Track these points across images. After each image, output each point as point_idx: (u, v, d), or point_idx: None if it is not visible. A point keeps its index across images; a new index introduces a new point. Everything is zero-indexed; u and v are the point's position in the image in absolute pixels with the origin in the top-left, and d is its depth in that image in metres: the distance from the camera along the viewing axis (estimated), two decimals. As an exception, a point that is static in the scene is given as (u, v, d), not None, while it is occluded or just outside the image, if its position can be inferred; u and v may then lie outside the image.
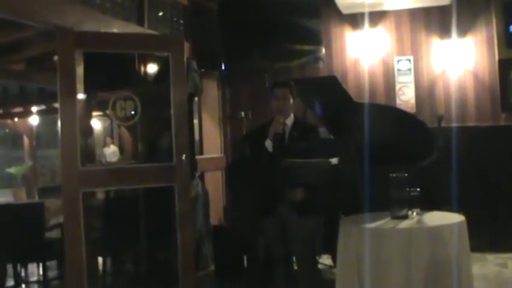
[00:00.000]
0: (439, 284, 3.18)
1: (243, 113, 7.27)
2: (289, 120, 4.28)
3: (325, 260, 5.93)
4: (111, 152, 12.92)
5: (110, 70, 5.34)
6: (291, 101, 4.29)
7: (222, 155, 7.25)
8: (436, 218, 3.53)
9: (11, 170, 10.49)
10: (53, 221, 6.16)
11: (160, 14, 6.09)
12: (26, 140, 14.14)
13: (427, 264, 3.15)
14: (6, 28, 5.87)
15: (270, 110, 4.36)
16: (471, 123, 6.79)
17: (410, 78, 7.01)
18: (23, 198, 8.21)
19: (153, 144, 5.74)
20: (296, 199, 4.05)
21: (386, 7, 6.94)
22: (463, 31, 6.83)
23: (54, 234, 5.96)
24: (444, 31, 6.89)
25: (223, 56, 6.68)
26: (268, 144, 4.16)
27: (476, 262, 5.49)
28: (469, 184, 5.98)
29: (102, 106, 6.69)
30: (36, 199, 8.89)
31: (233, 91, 7.51)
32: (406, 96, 7.00)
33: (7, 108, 13.12)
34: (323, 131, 4.74)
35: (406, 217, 3.48)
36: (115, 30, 5.09)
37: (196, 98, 6.41)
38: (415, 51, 7.03)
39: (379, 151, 3.74)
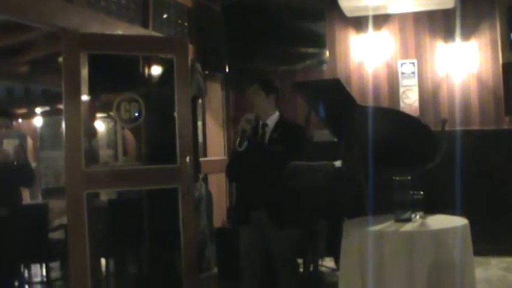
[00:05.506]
0: (442, 288, 3.19)
1: (246, 116, 7.27)
2: (272, 120, 4.05)
3: (328, 262, 5.93)
4: None
5: (115, 72, 5.36)
6: (264, 96, 4.03)
7: (226, 157, 7.25)
8: (439, 222, 3.53)
9: (15, 171, 10.52)
10: (56, 222, 6.18)
11: (165, 16, 6.11)
12: (29, 141, 14.15)
13: (430, 268, 3.14)
14: (11, 30, 5.89)
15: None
16: (475, 127, 6.79)
17: (414, 82, 7.01)
18: (27, 199, 8.23)
19: (156, 146, 5.75)
20: None
21: (390, 10, 6.94)
22: (467, 35, 6.84)
23: (57, 235, 5.97)
24: (448, 35, 6.90)
25: (227, 58, 6.69)
26: (237, 141, 3.96)
27: (479, 266, 5.48)
28: (473, 187, 5.97)
29: (106, 108, 6.70)
30: (40, 200, 8.92)
31: (237, 93, 7.52)
32: (409, 99, 7.00)
33: (11, 109, 13.12)
34: (320, 133, 4.72)
35: (409, 220, 3.48)
36: (120, 32, 5.11)
37: (200, 100, 6.42)
38: (419, 54, 7.04)
39: (382, 154, 3.74)
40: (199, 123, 6.50)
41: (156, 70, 5.99)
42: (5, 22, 4.82)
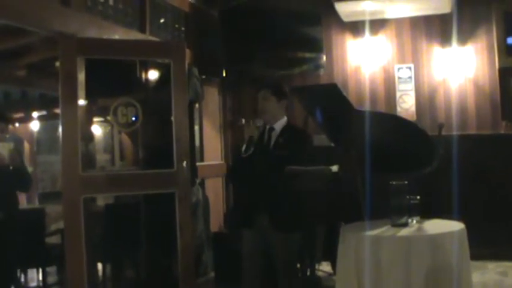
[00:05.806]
0: (439, 292, 3.19)
1: (243, 120, 7.27)
2: (279, 124, 4.08)
3: (325, 267, 5.93)
4: None
5: (112, 76, 5.36)
6: (275, 102, 4.05)
7: (223, 162, 7.25)
8: (436, 226, 3.53)
9: (12, 175, 10.49)
10: (53, 227, 6.17)
11: (162, 20, 6.11)
12: (26, 146, 14.12)
13: (427, 272, 3.14)
14: (9, 34, 5.89)
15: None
16: (471, 132, 6.79)
17: (410, 86, 7.02)
18: (23, 204, 8.21)
19: (153, 151, 5.75)
20: None
21: (387, 15, 6.95)
22: (463, 39, 6.84)
23: (54, 239, 5.96)
24: (445, 39, 6.90)
25: (224, 62, 6.70)
26: (243, 148, 4.00)
27: (476, 270, 5.48)
28: (470, 192, 5.97)
29: (103, 112, 6.71)
30: (36, 204, 8.90)
31: (234, 98, 7.52)
32: (406, 104, 7.01)
33: (8, 113, 13.08)
34: (318, 138, 4.72)
35: (406, 225, 3.48)
36: (117, 37, 5.11)
37: (197, 105, 6.42)
38: (416, 59, 7.04)
39: (379, 159, 3.74)
40: (196, 128, 6.49)
41: (153, 75, 5.98)
42: (2, 26, 4.82)
